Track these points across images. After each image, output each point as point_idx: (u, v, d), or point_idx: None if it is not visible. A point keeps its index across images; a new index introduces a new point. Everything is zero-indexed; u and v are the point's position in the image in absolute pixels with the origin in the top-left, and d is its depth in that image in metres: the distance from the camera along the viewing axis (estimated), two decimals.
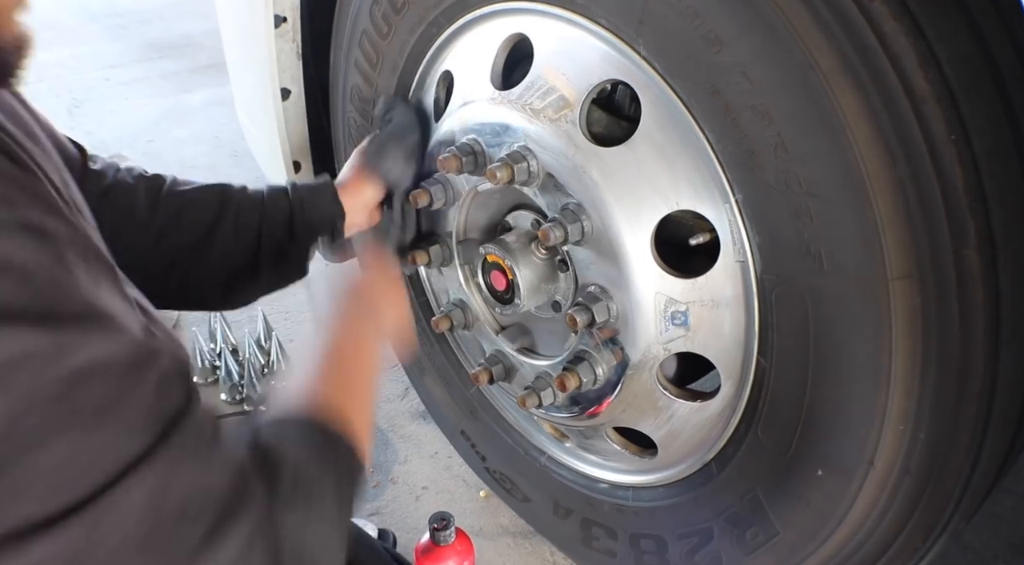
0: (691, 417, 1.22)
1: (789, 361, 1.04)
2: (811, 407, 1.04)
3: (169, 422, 0.64)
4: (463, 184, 1.37)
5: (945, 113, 0.82)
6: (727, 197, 1.02)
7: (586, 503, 1.52)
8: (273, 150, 1.86)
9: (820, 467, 1.06)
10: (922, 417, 0.94)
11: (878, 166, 0.85)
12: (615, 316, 1.18)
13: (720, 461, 1.21)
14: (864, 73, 0.83)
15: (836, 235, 0.92)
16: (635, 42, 1.04)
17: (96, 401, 0.60)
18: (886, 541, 1.06)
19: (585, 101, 1.14)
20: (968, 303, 0.87)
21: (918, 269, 0.87)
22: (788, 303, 1.01)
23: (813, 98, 0.87)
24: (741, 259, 1.04)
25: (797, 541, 1.14)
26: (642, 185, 1.09)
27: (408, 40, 1.42)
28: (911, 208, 0.85)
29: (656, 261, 1.12)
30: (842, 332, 0.97)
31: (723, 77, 0.94)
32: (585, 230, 1.16)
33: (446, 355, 1.75)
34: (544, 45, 1.20)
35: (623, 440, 1.40)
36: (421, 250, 1.46)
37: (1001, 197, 0.85)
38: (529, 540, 1.81)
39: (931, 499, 1.00)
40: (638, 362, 1.19)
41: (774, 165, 0.94)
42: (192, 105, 4.15)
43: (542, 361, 1.39)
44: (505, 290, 1.34)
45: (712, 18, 0.93)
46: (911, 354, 0.91)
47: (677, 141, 1.05)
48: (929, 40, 0.82)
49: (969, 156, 0.83)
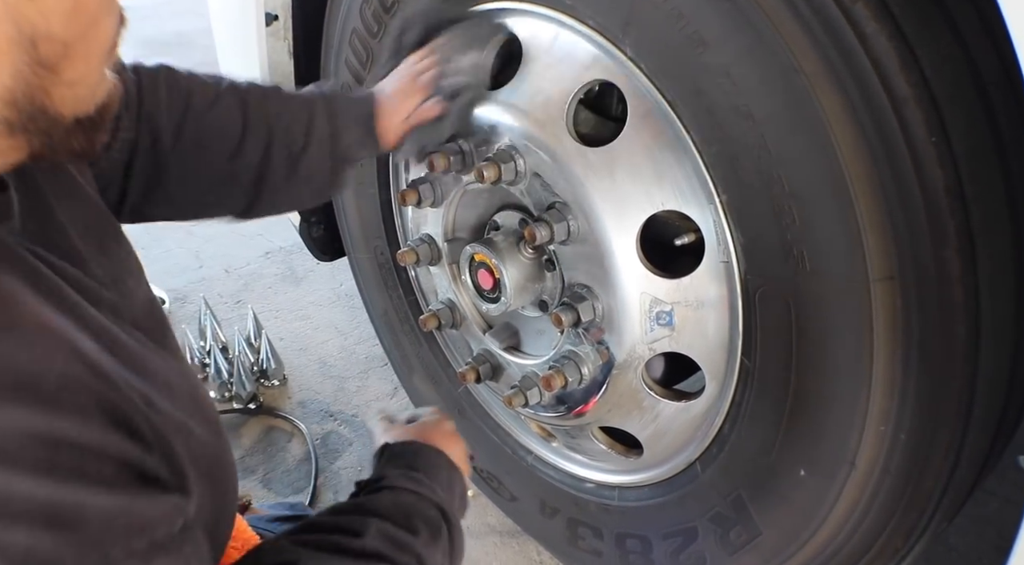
0: (676, 417, 1.22)
1: (772, 362, 1.04)
2: (794, 408, 1.04)
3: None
4: (451, 183, 1.37)
5: (926, 115, 0.82)
6: (711, 198, 1.02)
7: (572, 503, 1.52)
8: None
9: (802, 467, 1.06)
10: (903, 417, 0.95)
11: (860, 167, 0.86)
12: (601, 316, 1.18)
13: (704, 461, 1.22)
14: (846, 75, 0.83)
15: (818, 236, 0.92)
16: (622, 43, 1.05)
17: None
18: (867, 541, 1.07)
19: (572, 101, 1.15)
20: (948, 304, 0.88)
21: (899, 270, 0.88)
22: (771, 304, 1.01)
23: (796, 99, 0.87)
24: (725, 260, 1.05)
25: (780, 541, 1.14)
26: (628, 185, 1.10)
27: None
28: (892, 209, 0.86)
29: (642, 261, 1.12)
30: (824, 333, 0.97)
31: (707, 78, 0.95)
32: (571, 230, 1.16)
33: (434, 354, 1.76)
34: (532, 45, 1.21)
35: (609, 440, 1.40)
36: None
37: (981, 198, 0.85)
38: (516, 539, 1.81)
39: (912, 499, 1.01)
40: (623, 362, 1.19)
41: (757, 166, 0.94)
42: None
43: (528, 360, 1.40)
44: (492, 289, 1.34)
45: (697, 20, 0.93)
46: (892, 355, 0.92)
47: (663, 142, 1.06)
48: (911, 42, 0.82)
49: (949, 158, 0.83)
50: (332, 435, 2.14)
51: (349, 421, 2.19)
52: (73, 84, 0.65)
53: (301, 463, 2.06)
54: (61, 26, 0.61)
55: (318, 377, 2.36)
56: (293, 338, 2.53)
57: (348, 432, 2.16)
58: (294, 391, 2.30)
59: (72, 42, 0.62)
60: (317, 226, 2.03)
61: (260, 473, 2.04)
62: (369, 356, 2.42)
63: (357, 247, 1.87)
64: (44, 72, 0.61)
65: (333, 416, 2.21)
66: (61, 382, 0.57)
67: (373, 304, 1.93)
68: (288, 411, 2.22)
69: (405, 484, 0.97)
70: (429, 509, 0.95)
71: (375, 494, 0.96)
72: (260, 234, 3.06)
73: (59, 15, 0.60)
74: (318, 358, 2.44)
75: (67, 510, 0.55)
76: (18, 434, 0.54)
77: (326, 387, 2.32)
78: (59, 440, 0.55)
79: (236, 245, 3.02)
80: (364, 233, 1.80)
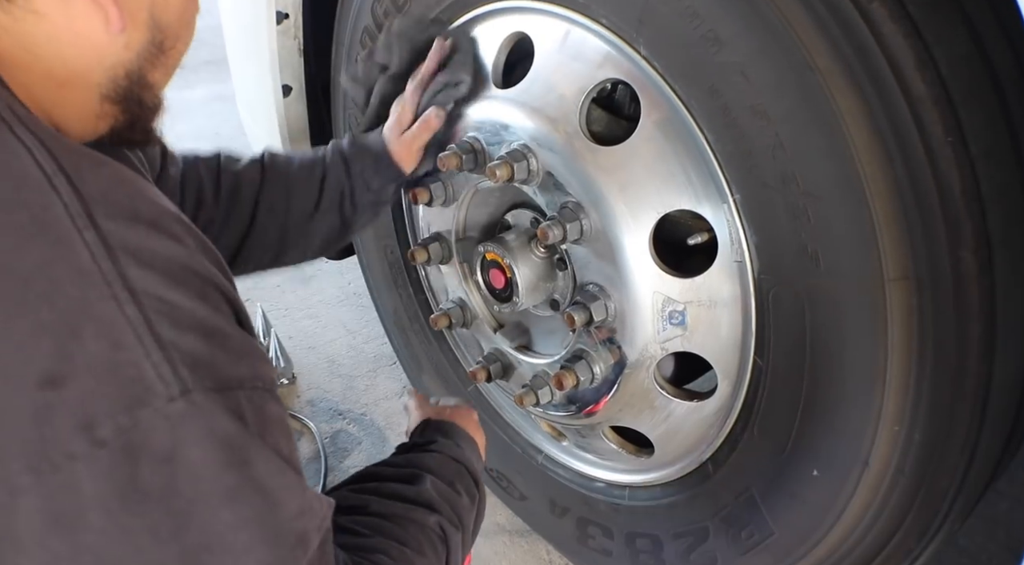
0: (688, 416, 1.22)
1: (785, 361, 1.04)
2: (807, 407, 1.04)
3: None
4: (463, 182, 1.37)
5: (942, 115, 0.82)
6: (725, 197, 1.02)
7: (582, 502, 1.52)
8: (274, 146, 1.86)
9: (816, 467, 1.06)
10: (917, 417, 0.94)
11: (875, 167, 0.85)
12: (613, 315, 1.18)
13: (716, 461, 1.21)
14: (862, 74, 0.83)
15: (833, 235, 0.92)
16: (635, 41, 1.05)
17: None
18: (880, 541, 1.06)
19: (585, 100, 1.15)
20: (964, 304, 0.88)
21: (914, 270, 0.88)
22: (785, 303, 1.01)
23: (811, 99, 0.87)
24: (739, 259, 1.04)
25: (792, 541, 1.14)
26: (641, 184, 1.10)
27: None
28: (908, 209, 0.85)
29: (654, 260, 1.12)
30: (838, 332, 0.97)
31: (722, 77, 0.95)
32: (584, 229, 1.16)
33: (444, 353, 1.76)
34: (544, 44, 1.21)
35: (620, 439, 1.40)
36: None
37: (997, 198, 0.85)
38: (525, 538, 1.81)
39: (925, 500, 1.00)
40: (635, 361, 1.19)
41: (772, 165, 0.94)
42: (193, 100, 4.15)
43: (540, 359, 1.40)
44: (504, 288, 1.34)
45: (711, 18, 0.93)
46: (907, 355, 0.92)
47: (676, 140, 1.06)
48: (927, 42, 0.82)
49: (966, 158, 0.83)
50: (341, 434, 2.15)
51: (358, 420, 2.19)
52: (168, 69, 0.81)
53: (311, 461, 2.06)
54: (176, 19, 0.78)
55: (327, 376, 2.36)
56: (302, 337, 2.53)
57: (357, 431, 2.16)
58: (303, 390, 2.31)
59: (177, 34, 0.79)
60: None
61: None
62: (378, 355, 2.42)
63: (367, 246, 1.87)
64: (157, 53, 0.78)
65: (342, 415, 2.21)
66: (200, 244, 0.70)
67: (383, 303, 1.93)
68: (297, 409, 2.23)
69: (452, 452, 1.09)
70: (467, 478, 1.07)
71: (425, 453, 1.07)
72: None
73: (177, 10, 0.78)
74: (327, 357, 2.44)
75: (218, 330, 0.65)
76: (179, 264, 0.65)
77: (335, 386, 2.32)
78: (206, 278, 0.67)
79: None
80: (374, 232, 1.80)
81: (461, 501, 1.02)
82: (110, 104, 0.77)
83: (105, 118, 0.79)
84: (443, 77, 1.31)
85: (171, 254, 0.65)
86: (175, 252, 0.66)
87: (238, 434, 0.63)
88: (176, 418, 0.60)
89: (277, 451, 0.67)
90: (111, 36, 0.72)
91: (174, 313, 0.62)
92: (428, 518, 0.94)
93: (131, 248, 0.62)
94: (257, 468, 0.64)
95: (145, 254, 0.63)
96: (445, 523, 0.96)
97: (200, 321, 0.64)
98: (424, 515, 0.94)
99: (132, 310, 0.60)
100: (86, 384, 0.58)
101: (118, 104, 0.78)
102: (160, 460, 0.60)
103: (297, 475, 0.69)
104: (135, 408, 0.59)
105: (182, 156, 1.24)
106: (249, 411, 0.65)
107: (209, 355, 0.63)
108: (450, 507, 0.99)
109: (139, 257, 0.62)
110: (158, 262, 0.64)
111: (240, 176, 1.28)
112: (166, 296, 0.62)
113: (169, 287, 0.63)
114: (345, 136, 1.37)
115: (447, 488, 1.01)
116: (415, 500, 0.96)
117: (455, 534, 0.97)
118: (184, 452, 0.60)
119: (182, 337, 0.62)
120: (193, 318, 0.64)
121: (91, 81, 0.74)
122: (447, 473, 1.04)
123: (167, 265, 0.64)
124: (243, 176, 1.28)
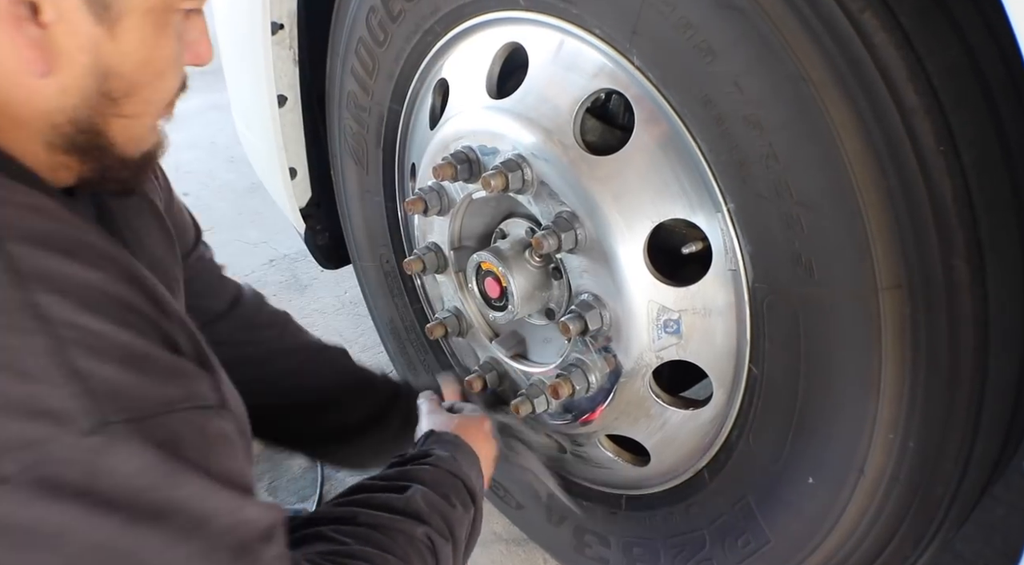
0: (683, 425, 1.22)
1: (780, 369, 1.05)
2: (802, 415, 1.04)
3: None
4: (457, 192, 1.37)
5: (934, 124, 0.83)
6: (719, 206, 1.02)
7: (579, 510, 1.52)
8: (269, 156, 1.86)
9: (811, 475, 1.06)
10: (911, 425, 0.95)
11: (868, 177, 0.86)
12: (608, 324, 1.18)
13: (712, 469, 1.22)
14: (854, 85, 0.84)
15: (826, 245, 0.92)
16: (629, 52, 1.05)
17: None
18: (876, 549, 1.07)
19: (579, 110, 1.15)
20: (957, 312, 0.88)
21: (907, 279, 0.88)
22: (779, 312, 1.01)
23: (804, 109, 0.87)
24: (733, 268, 1.05)
25: (788, 549, 1.14)
26: (635, 194, 1.10)
27: (404, 48, 1.43)
28: (900, 218, 0.86)
29: (649, 269, 1.12)
30: (832, 341, 0.97)
31: (715, 87, 0.95)
32: (579, 238, 1.16)
33: (440, 362, 1.76)
34: (539, 54, 1.21)
35: (616, 447, 1.40)
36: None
37: (989, 207, 0.86)
38: (522, 547, 1.81)
39: (920, 507, 1.01)
40: (631, 370, 1.19)
41: (765, 175, 0.94)
42: (189, 110, 4.14)
43: (535, 368, 1.40)
44: (499, 297, 1.34)
45: (705, 29, 0.94)
46: (900, 363, 0.92)
47: (670, 150, 1.06)
48: (919, 52, 0.82)
49: (958, 167, 0.84)
50: None
51: None
52: (128, 119, 0.75)
53: (307, 471, 2.05)
54: (132, 69, 0.72)
55: None
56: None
57: None
58: None
59: (137, 85, 0.73)
60: (322, 234, 2.03)
61: (266, 481, 2.03)
62: (374, 364, 2.41)
63: (363, 255, 1.87)
64: (107, 102, 0.72)
65: None
66: (124, 272, 0.68)
67: (379, 312, 1.93)
68: None
69: (448, 465, 1.10)
70: (463, 491, 1.08)
71: (420, 466, 1.08)
72: (264, 242, 3.06)
73: (133, 60, 0.71)
74: None
75: (141, 355, 0.64)
76: (97, 290, 0.63)
77: None
78: (127, 304, 0.65)
79: (241, 253, 3.02)
80: (370, 241, 1.80)
81: (454, 513, 1.02)
82: (61, 153, 0.73)
83: (67, 167, 0.75)
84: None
85: (87, 280, 0.63)
86: (91, 278, 0.63)
87: (161, 461, 0.62)
88: (92, 452, 0.58)
89: (209, 470, 0.65)
90: (39, 79, 0.68)
91: (90, 340, 0.60)
92: (416, 529, 0.94)
93: (42, 274, 0.60)
94: (180, 492, 0.63)
95: (58, 280, 0.61)
96: (434, 534, 0.96)
97: (120, 347, 0.62)
98: (412, 526, 0.94)
99: (41, 340, 0.58)
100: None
101: (70, 154, 0.74)
102: (76, 493, 0.58)
103: (231, 489, 0.68)
104: (45, 443, 0.57)
105: (251, 291, 1.35)
106: (186, 432, 0.64)
107: (131, 382, 0.62)
108: (441, 519, 0.99)
109: (51, 283, 0.60)
110: (72, 288, 0.61)
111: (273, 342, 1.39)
112: (81, 323, 0.60)
113: (85, 313, 0.61)
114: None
115: (439, 500, 1.01)
116: (403, 510, 0.96)
117: (444, 546, 0.97)
118: (101, 483, 0.59)
119: (100, 366, 0.60)
120: (112, 345, 0.62)
121: (33, 126, 0.71)
122: (440, 486, 1.05)
123: (83, 291, 0.62)
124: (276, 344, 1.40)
